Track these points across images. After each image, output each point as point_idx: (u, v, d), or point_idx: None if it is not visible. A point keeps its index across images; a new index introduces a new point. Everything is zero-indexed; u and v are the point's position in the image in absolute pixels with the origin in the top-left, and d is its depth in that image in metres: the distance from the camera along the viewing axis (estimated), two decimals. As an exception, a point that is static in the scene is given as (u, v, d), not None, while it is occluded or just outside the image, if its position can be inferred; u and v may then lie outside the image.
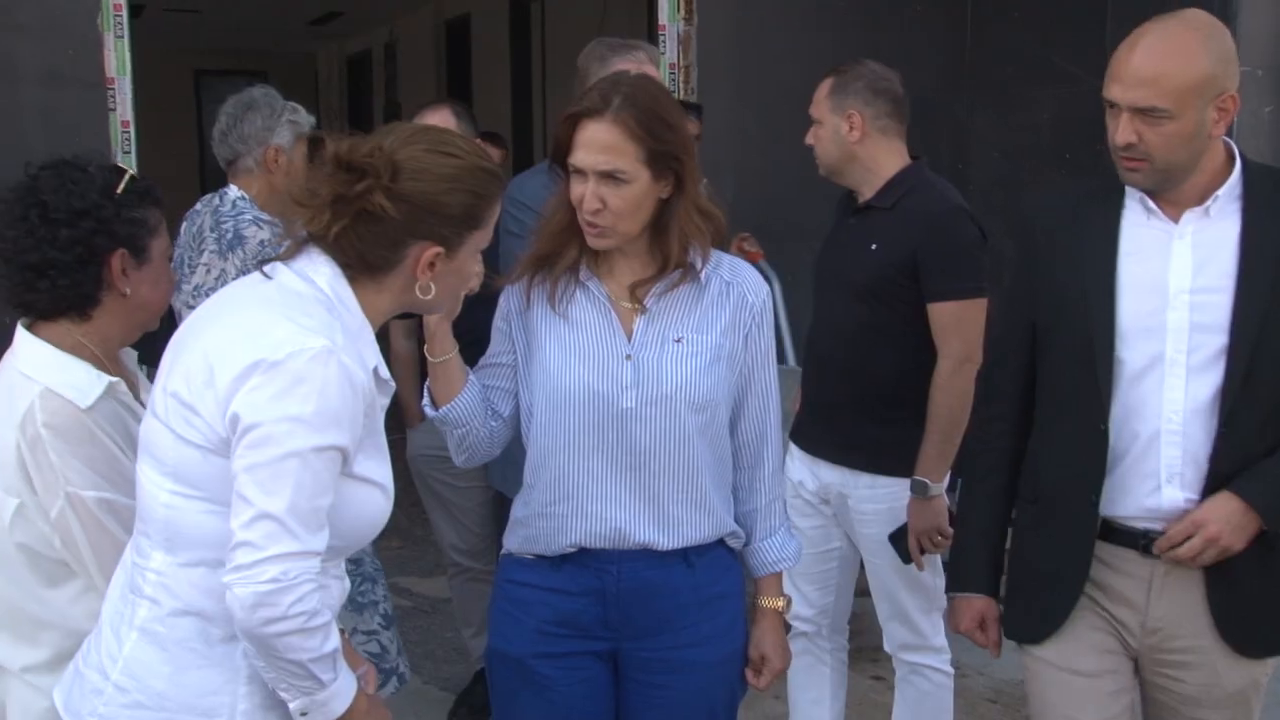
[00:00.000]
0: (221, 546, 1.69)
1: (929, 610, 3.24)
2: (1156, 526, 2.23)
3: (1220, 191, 2.19)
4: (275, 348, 1.68)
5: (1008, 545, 2.46)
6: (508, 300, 2.30)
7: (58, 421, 1.94)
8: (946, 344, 3.05)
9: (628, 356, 2.20)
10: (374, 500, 1.84)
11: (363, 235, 1.80)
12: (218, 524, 1.71)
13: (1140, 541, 2.24)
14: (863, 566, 3.38)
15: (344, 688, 1.79)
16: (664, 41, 4.98)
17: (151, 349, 2.24)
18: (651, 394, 2.18)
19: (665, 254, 2.20)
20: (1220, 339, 2.17)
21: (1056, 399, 2.34)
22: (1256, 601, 2.24)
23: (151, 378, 2.11)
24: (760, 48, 4.99)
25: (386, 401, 1.88)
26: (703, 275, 2.24)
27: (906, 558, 3.14)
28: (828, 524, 3.31)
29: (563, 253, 2.23)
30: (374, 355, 1.83)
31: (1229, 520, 2.15)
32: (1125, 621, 2.29)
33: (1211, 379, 2.18)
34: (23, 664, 2.04)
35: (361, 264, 1.82)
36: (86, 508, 1.95)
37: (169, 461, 1.76)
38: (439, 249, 1.83)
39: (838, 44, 4.71)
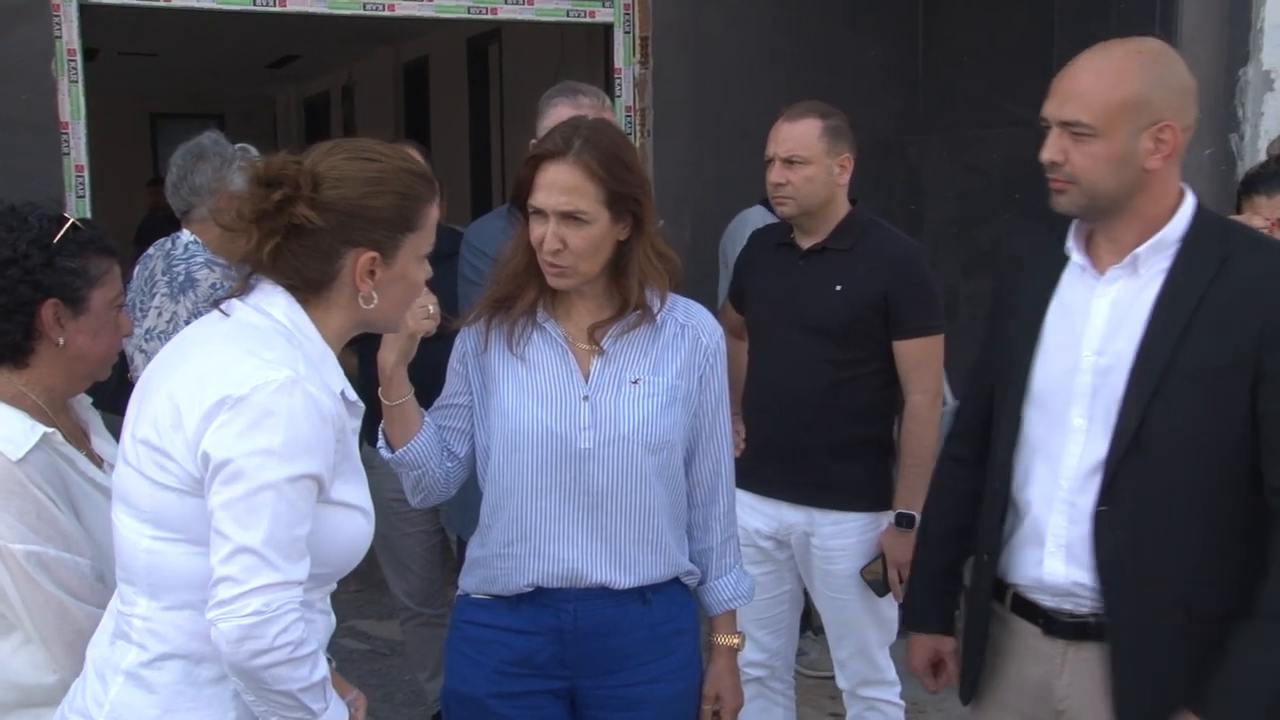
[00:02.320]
0: (205, 587, 1.69)
1: (885, 644, 3.28)
2: (1050, 602, 2.15)
3: (1140, 250, 2.06)
4: (239, 383, 1.68)
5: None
6: (464, 341, 2.31)
7: None
8: (920, 379, 3.11)
9: (585, 398, 2.21)
10: (355, 524, 1.85)
11: (296, 252, 1.80)
12: (200, 565, 1.71)
13: (1040, 620, 2.16)
14: (809, 604, 3.42)
15: (335, 717, 1.79)
16: (620, 85, 5.03)
17: (102, 395, 2.22)
18: (609, 435, 2.20)
19: (624, 296, 2.23)
20: (1115, 408, 2.05)
21: (992, 451, 2.29)
22: (1161, 697, 2.04)
23: (110, 424, 2.10)
24: (715, 91, 5.05)
25: (357, 424, 1.89)
26: (658, 317, 2.26)
27: (880, 590, 3.17)
28: (779, 568, 3.32)
29: (521, 295, 2.25)
30: (339, 379, 1.83)
31: None
32: (1042, 697, 2.19)
33: (1102, 449, 2.06)
34: None
35: (303, 282, 1.82)
36: (16, 561, 1.92)
37: (146, 508, 1.76)
38: (373, 254, 1.82)
39: (792, 87, 4.76)
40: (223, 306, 1.84)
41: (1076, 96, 2.03)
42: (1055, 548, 2.12)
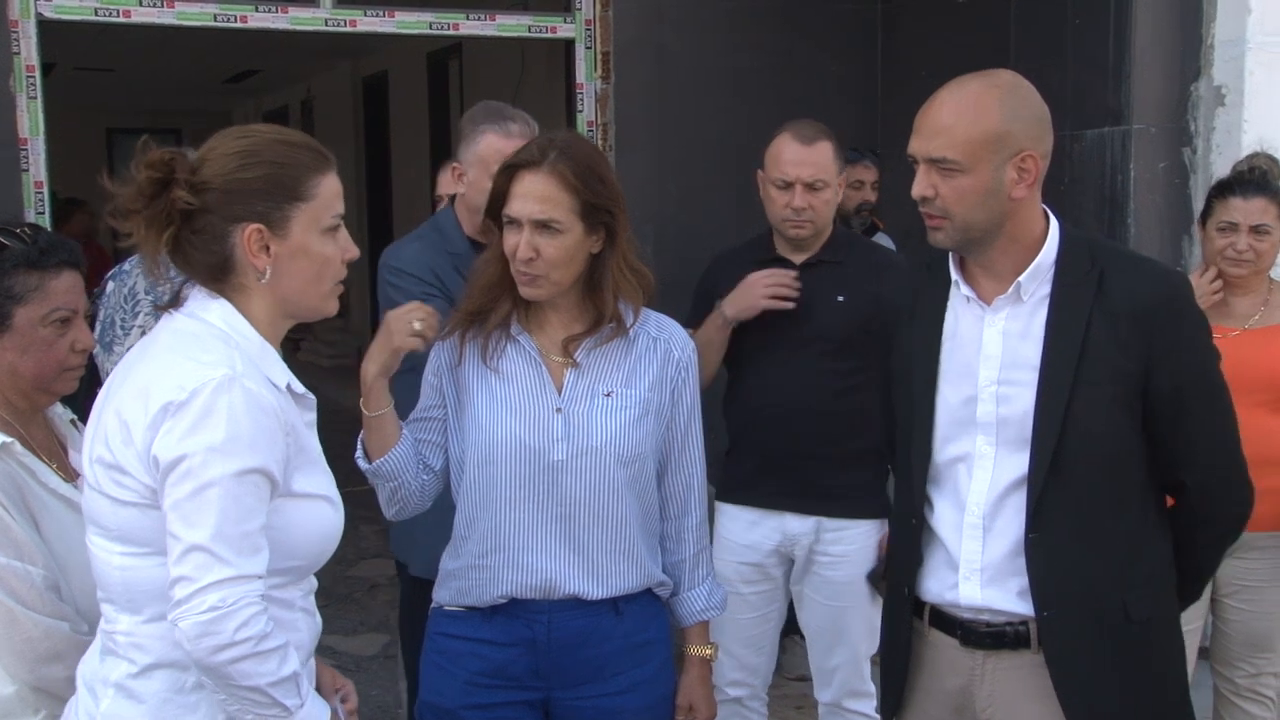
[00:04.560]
0: None
1: (869, 655, 3.27)
2: (966, 614, 2.18)
3: (1022, 278, 2.12)
4: (179, 389, 1.71)
5: None
6: (439, 355, 2.33)
7: None
8: None
9: (558, 410, 2.23)
10: (322, 513, 1.87)
11: (191, 241, 1.82)
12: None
13: (957, 632, 2.19)
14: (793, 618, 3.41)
15: (313, 713, 1.80)
16: (582, 100, 5.05)
17: (81, 411, 2.23)
18: (581, 446, 2.21)
19: (599, 309, 2.25)
20: (1024, 433, 2.10)
21: (901, 485, 2.32)
22: (1104, 700, 2.12)
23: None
24: (677, 106, 5.07)
25: (311, 416, 1.90)
26: (631, 331, 2.28)
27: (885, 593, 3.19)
28: (774, 587, 3.30)
29: (495, 307, 2.27)
30: (283, 373, 1.85)
31: None
32: (964, 707, 2.23)
33: (1014, 474, 2.11)
34: None
35: (208, 271, 1.84)
36: None
37: (112, 526, 1.78)
38: (257, 226, 1.82)
39: (753, 102, 4.81)
40: (164, 318, 1.86)
41: (941, 133, 2.09)
42: (970, 573, 2.16)
